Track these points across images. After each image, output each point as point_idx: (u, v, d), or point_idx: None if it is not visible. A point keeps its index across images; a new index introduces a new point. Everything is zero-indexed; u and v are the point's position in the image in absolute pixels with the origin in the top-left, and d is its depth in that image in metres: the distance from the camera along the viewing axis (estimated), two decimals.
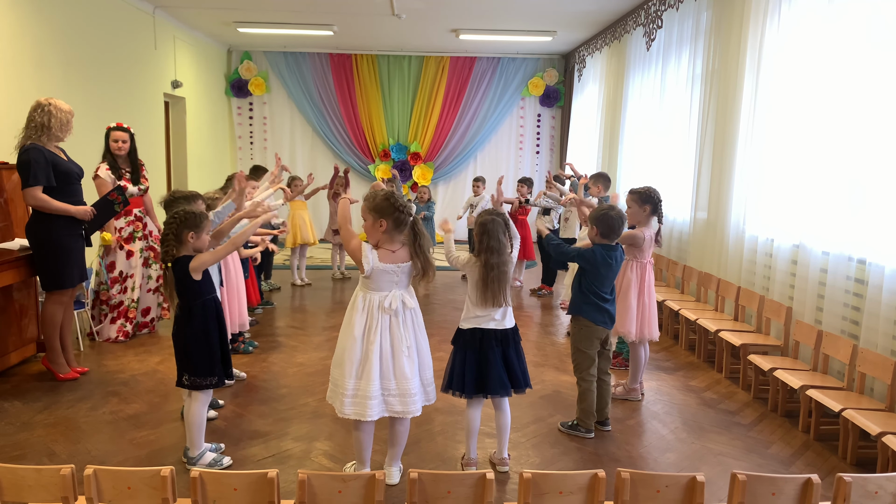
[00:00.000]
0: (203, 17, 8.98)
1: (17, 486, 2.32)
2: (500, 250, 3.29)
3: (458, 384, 3.35)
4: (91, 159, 5.43)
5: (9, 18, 5.48)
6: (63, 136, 4.47)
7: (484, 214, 3.37)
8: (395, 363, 3.10)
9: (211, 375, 3.34)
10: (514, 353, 3.39)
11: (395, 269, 3.09)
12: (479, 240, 3.33)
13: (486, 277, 3.28)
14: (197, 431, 3.40)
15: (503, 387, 3.34)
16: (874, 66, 4.07)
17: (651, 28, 7.44)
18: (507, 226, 3.34)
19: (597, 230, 3.86)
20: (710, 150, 6.04)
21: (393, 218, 3.06)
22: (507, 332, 3.38)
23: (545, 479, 2.36)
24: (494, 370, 3.31)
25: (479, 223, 3.35)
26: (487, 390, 3.33)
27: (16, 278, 4.52)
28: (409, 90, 11.74)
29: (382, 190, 3.17)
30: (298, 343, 5.69)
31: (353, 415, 3.08)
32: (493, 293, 3.28)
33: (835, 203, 4.38)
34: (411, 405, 3.12)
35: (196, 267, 3.26)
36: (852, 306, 4.28)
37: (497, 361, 3.32)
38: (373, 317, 3.09)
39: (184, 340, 3.33)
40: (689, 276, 6.29)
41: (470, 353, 3.35)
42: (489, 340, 3.33)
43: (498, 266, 3.28)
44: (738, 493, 2.36)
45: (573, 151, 10.92)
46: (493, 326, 3.34)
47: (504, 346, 3.36)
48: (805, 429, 4.04)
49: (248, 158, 11.74)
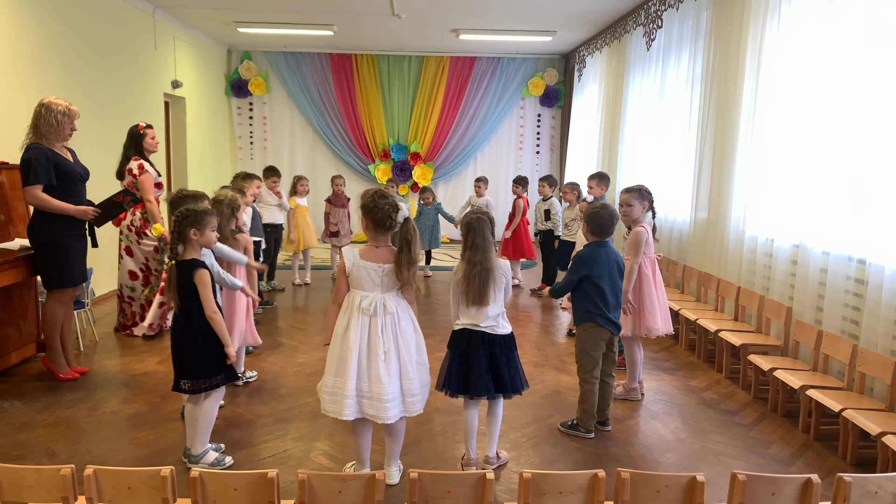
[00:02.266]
0: (203, 17, 8.98)
1: (17, 486, 2.32)
2: (484, 248, 3.31)
3: (445, 382, 3.38)
4: (91, 159, 5.42)
5: (9, 18, 5.48)
6: (61, 137, 4.45)
7: (469, 214, 3.41)
8: (371, 366, 3.07)
9: (213, 376, 3.33)
10: (503, 360, 3.36)
11: (377, 269, 3.07)
12: (464, 238, 3.37)
13: (468, 274, 3.29)
14: (204, 429, 3.38)
15: (486, 390, 3.32)
16: (874, 66, 4.07)
17: (651, 28, 7.44)
18: (492, 225, 3.38)
19: (588, 227, 3.92)
20: (710, 150, 6.04)
21: (371, 217, 3.09)
22: (498, 338, 3.35)
23: (545, 479, 2.36)
24: (476, 371, 3.30)
25: (464, 222, 3.38)
26: (469, 391, 3.33)
27: (16, 278, 4.52)
28: (409, 90, 11.74)
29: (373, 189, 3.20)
30: (298, 343, 5.69)
31: (330, 412, 3.10)
32: (476, 290, 3.28)
33: (835, 203, 4.38)
34: (383, 411, 3.05)
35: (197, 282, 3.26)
36: (852, 306, 4.28)
37: (481, 364, 3.31)
38: (352, 316, 3.09)
39: (183, 344, 3.31)
40: (689, 276, 6.29)
41: (457, 352, 3.37)
42: (476, 342, 3.32)
43: (481, 263, 3.29)
44: (738, 494, 2.36)
45: (573, 151, 10.93)
46: (483, 329, 3.32)
47: (492, 350, 3.34)
48: (805, 429, 4.04)
49: (248, 158, 11.75)
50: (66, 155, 4.53)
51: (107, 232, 6.40)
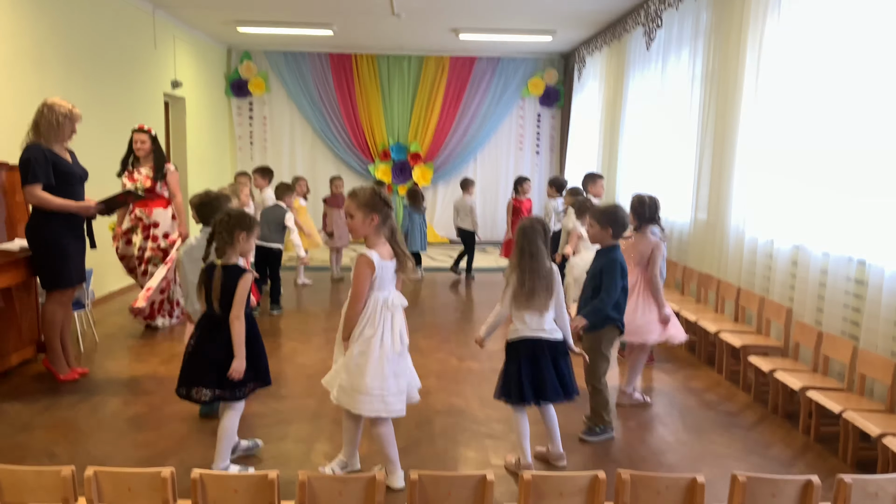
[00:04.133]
0: (203, 16, 8.98)
1: (17, 488, 2.32)
2: (536, 255, 3.37)
3: (516, 393, 3.40)
4: (90, 159, 5.42)
5: (8, 18, 5.48)
6: (61, 138, 4.44)
7: (524, 220, 3.49)
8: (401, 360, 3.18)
9: (242, 386, 3.25)
10: (563, 364, 3.45)
11: (391, 265, 3.16)
12: (518, 245, 3.42)
13: (523, 282, 3.35)
14: (226, 443, 3.29)
15: (557, 393, 3.40)
16: (874, 67, 4.07)
17: (651, 27, 7.44)
18: (545, 233, 3.43)
19: (612, 230, 3.87)
20: (710, 150, 6.04)
21: (382, 213, 3.12)
22: (558, 343, 3.44)
23: (546, 480, 2.36)
24: (549, 377, 3.38)
25: (519, 228, 3.46)
26: (544, 397, 3.40)
27: (16, 279, 4.52)
28: (409, 90, 11.74)
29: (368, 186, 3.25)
30: (299, 344, 5.69)
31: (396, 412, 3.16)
32: (531, 297, 3.34)
33: (835, 204, 4.38)
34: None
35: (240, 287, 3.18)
36: (852, 307, 4.28)
37: (550, 370, 3.39)
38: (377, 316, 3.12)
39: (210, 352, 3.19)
40: (689, 277, 6.29)
41: (525, 361, 3.39)
42: (542, 349, 3.39)
43: (535, 271, 3.36)
44: (738, 495, 2.36)
45: (573, 151, 10.93)
46: (545, 337, 3.39)
47: (554, 355, 3.42)
48: (805, 430, 4.04)
49: (248, 158, 11.74)
50: (66, 156, 4.52)
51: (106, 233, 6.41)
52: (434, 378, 4.83)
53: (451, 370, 5.04)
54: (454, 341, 5.73)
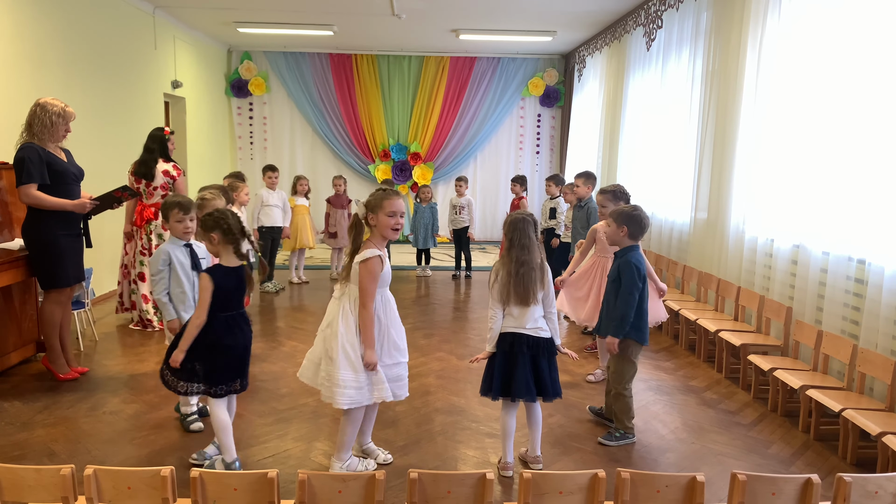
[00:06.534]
0: (203, 17, 8.98)
1: (17, 486, 2.32)
2: (529, 247, 3.32)
3: (486, 386, 3.38)
4: (90, 159, 5.43)
5: (8, 18, 5.48)
6: (54, 138, 4.43)
7: (514, 213, 3.43)
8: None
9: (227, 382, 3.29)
10: (545, 363, 3.35)
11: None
12: (507, 237, 3.37)
13: (514, 273, 3.29)
14: (224, 435, 3.27)
15: (528, 392, 3.31)
16: (874, 67, 4.07)
17: (651, 28, 7.44)
18: (535, 226, 3.39)
19: (627, 230, 3.74)
20: (710, 150, 6.04)
21: None
22: (542, 340, 3.34)
23: (545, 479, 2.36)
24: (520, 373, 3.29)
25: (508, 221, 3.40)
26: (512, 393, 3.32)
27: (16, 278, 4.52)
28: (409, 90, 11.74)
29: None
30: (298, 343, 5.69)
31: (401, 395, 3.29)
32: (522, 290, 3.28)
33: (835, 203, 4.38)
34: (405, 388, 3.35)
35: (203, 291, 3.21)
36: (852, 306, 4.28)
37: (525, 366, 3.30)
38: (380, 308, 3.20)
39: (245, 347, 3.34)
40: (689, 276, 6.29)
41: (500, 354, 3.35)
42: (520, 344, 3.31)
43: (527, 263, 3.30)
44: (738, 493, 2.36)
45: (573, 151, 10.93)
46: (527, 332, 3.31)
47: (535, 352, 3.32)
48: (805, 429, 4.04)
49: (248, 158, 11.75)
50: (60, 155, 4.51)
51: (106, 232, 6.41)
52: (434, 377, 4.83)
53: (451, 369, 5.04)
54: (454, 340, 5.72)
